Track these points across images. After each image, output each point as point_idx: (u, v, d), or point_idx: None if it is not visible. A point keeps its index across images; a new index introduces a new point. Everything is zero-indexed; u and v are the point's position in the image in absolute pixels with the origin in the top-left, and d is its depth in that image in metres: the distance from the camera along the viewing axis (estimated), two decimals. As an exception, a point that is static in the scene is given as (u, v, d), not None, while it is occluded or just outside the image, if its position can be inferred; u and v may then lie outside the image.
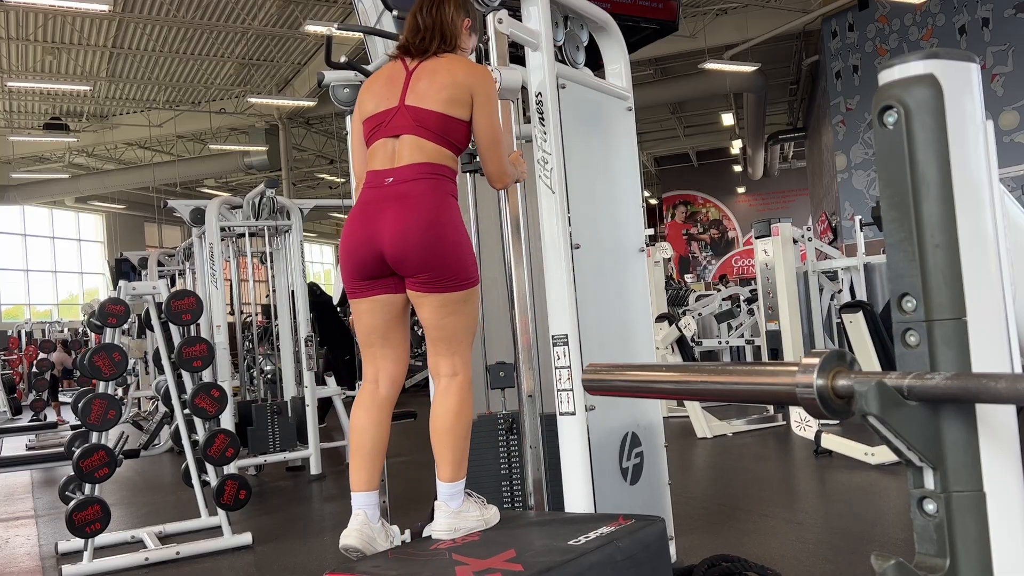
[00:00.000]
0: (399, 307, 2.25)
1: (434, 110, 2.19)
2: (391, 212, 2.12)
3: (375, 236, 2.13)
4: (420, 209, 2.11)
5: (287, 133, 18.52)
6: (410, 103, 2.21)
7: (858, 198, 14.04)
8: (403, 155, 2.18)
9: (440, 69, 2.23)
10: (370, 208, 2.16)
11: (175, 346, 4.26)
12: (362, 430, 2.21)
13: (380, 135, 2.23)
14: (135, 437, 8.02)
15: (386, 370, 2.28)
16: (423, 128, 2.18)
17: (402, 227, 2.10)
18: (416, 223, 2.10)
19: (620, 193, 2.86)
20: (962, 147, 0.92)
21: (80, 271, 24.94)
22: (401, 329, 2.29)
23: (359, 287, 2.22)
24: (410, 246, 2.10)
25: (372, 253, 2.14)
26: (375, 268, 2.17)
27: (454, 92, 2.20)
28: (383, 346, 2.27)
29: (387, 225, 2.11)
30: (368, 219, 2.15)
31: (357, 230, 2.17)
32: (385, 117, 2.23)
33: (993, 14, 12.45)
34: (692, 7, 14.48)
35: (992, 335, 0.92)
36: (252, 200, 6.07)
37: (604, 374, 1.32)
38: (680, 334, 7.06)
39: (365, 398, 2.26)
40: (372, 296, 2.21)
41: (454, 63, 2.26)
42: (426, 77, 2.23)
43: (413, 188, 2.13)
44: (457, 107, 2.20)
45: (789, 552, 3.33)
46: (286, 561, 3.79)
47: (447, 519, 2.12)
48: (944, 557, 0.89)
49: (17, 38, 13.68)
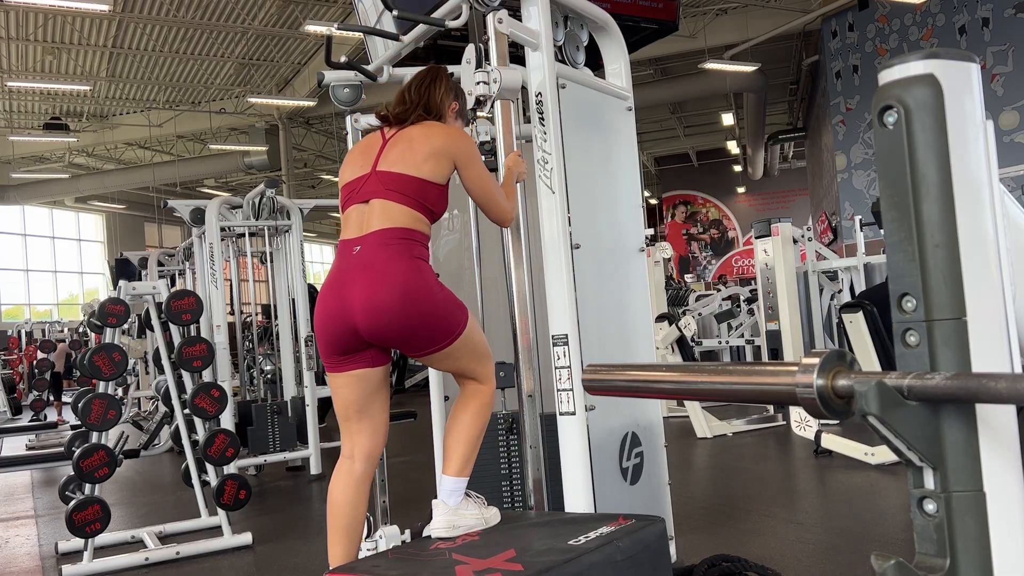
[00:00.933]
0: (377, 380, 2.19)
1: (407, 174, 2.15)
2: (359, 284, 2.06)
3: (346, 309, 2.07)
4: (388, 279, 2.04)
5: (287, 133, 18.52)
6: (382, 168, 2.18)
7: (858, 198, 14.04)
8: (371, 222, 2.13)
9: (417, 136, 2.21)
10: (340, 280, 2.10)
11: (175, 346, 4.27)
12: (338, 508, 2.17)
13: (352, 202, 2.20)
14: (135, 437, 8.02)
15: (362, 446, 2.21)
16: (393, 192, 2.14)
17: (371, 299, 2.04)
18: (385, 295, 2.03)
19: (620, 193, 2.86)
20: (962, 147, 0.92)
21: (80, 271, 24.95)
22: (379, 402, 2.23)
23: (335, 362, 2.15)
24: (383, 319, 2.04)
25: (345, 327, 2.08)
26: (351, 342, 2.10)
27: (431, 158, 2.16)
28: (359, 420, 2.20)
29: (356, 298, 2.05)
30: (338, 291, 2.09)
31: (328, 303, 2.11)
32: (357, 184, 2.21)
33: (993, 14, 12.45)
34: (692, 7, 14.48)
35: (992, 335, 0.91)
36: (252, 200, 6.07)
37: (604, 374, 1.32)
38: (680, 334, 7.06)
39: (341, 476, 2.21)
40: (349, 371, 2.15)
41: (431, 129, 2.23)
42: (402, 143, 2.21)
43: (379, 256, 2.07)
44: (433, 171, 2.16)
45: (789, 552, 3.33)
46: (286, 561, 3.79)
47: (445, 516, 2.13)
48: (944, 557, 0.89)
49: (17, 38, 13.68)
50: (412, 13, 2.70)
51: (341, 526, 2.15)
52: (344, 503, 2.17)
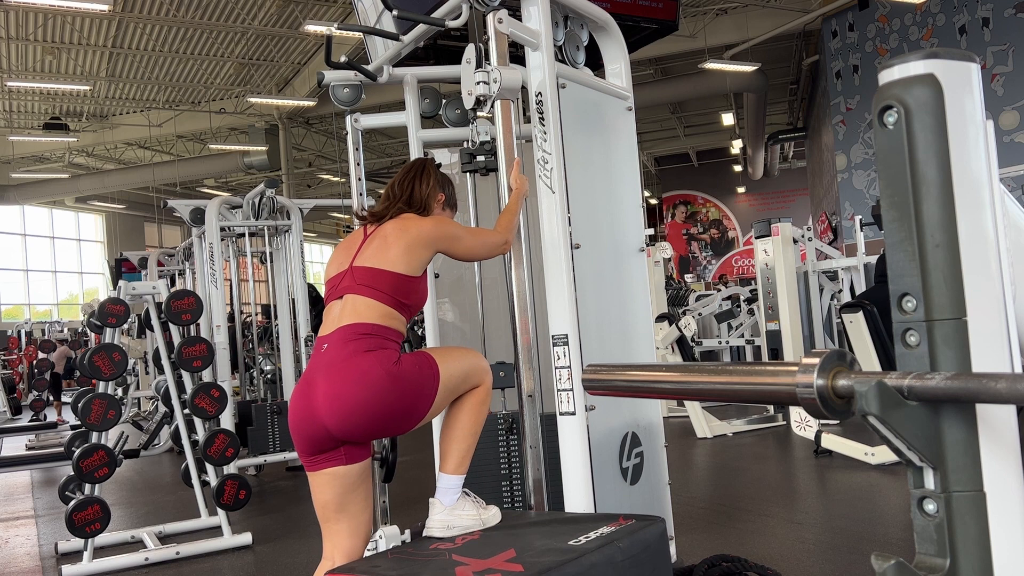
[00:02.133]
0: (354, 477, 2.11)
1: (381, 268, 2.13)
2: (323, 384, 2.03)
3: (314, 410, 2.03)
4: (347, 377, 2.01)
5: (287, 133, 18.51)
6: (357, 264, 2.17)
7: (858, 198, 14.04)
8: (341, 318, 2.11)
9: (391, 231, 2.19)
10: (310, 379, 2.07)
11: (175, 346, 4.26)
12: None
13: (331, 298, 2.19)
14: (135, 437, 8.02)
15: (341, 547, 2.14)
16: (365, 286, 2.12)
17: (334, 399, 2.00)
18: (346, 393, 1.99)
19: (620, 193, 2.86)
20: (962, 147, 0.92)
21: (80, 271, 24.95)
22: (359, 500, 2.13)
23: (311, 461, 2.09)
24: (350, 418, 2.00)
25: (315, 427, 2.03)
26: (324, 441, 2.05)
27: (406, 251, 2.15)
28: (338, 521, 2.13)
29: (320, 397, 2.02)
30: (308, 391, 2.06)
31: (299, 402, 2.08)
32: (337, 280, 2.20)
33: (993, 14, 12.45)
34: (692, 7, 14.47)
35: (992, 335, 0.91)
36: (252, 200, 6.07)
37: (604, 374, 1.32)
38: (680, 334, 7.06)
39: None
40: (325, 469, 2.09)
41: (405, 222, 2.22)
42: (379, 239, 2.19)
43: (340, 353, 2.04)
44: (408, 265, 2.14)
45: (789, 552, 3.33)
46: (286, 561, 3.79)
47: (441, 515, 2.12)
48: (944, 557, 0.89)
49: (17, 38, 13.68)
50: (412, 13, 2.70)
51: None
52: None
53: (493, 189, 3.05)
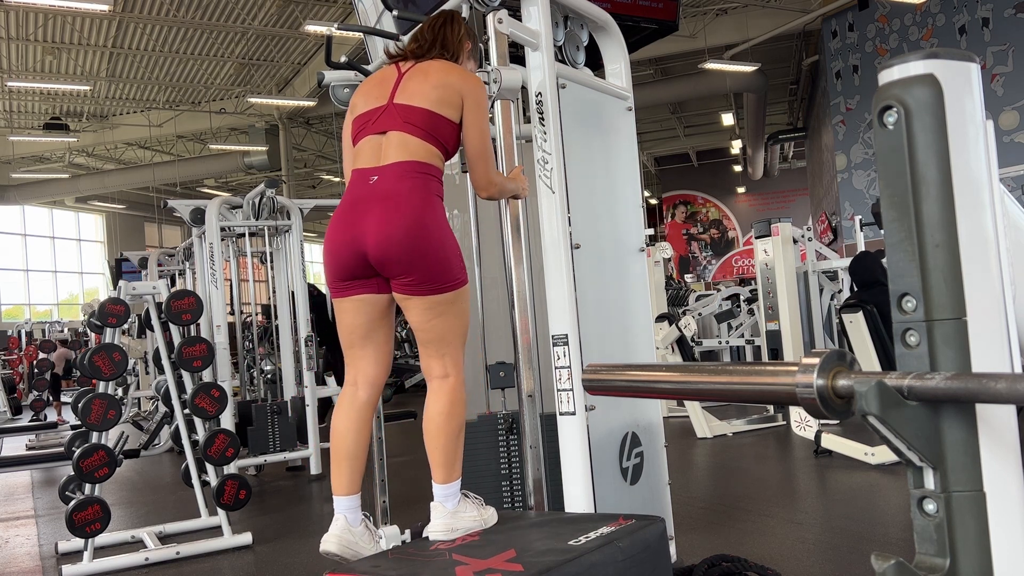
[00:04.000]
0: (382, 307, 2.20)
1: (423, 107, 2.16)
2: (375, 212, 2.07)
3: (359, 236, 2.09)
4: (405, 209, 2.06)
5: (287, 133, 18.52)
6: (399, 101, 2.19)
7: (858, 198, 14.04)
8: (389, 153, 2.14)
9: (433, 70, 2.22)
10: (355, 208, 2.12)
11: (175, 346, 4.27)
12: (342, 434, 2.17)
13: (367, 132, 2.20)
14: (135, 437, 8.02)
15: (365, 372, 2.23)
16: (410, 124, 2.15)
17: (386, 228, 2.06)
18: (400, 224, 2.05)
19: (620, 193, 2.86)
20: (962, 147, 0.92)
21: (80, 271, 24.95)
22: (383, 330, 2.24)
23: (342, 287, 2.17)
24: (393, 248, 2.06)
25: (355, 254, 2.10)
26: (358, 269, 2.12)
27: (444, 92, 2.18)
28: (363, 347, 2.22)
29: (371, 226, 2.07)
30: (353, 219, 2.11)
31: (341, 230, 2.12)
32: (373, 115, 2.21)
33: (993, 14, 12.45)
34: (692, 7, 14.47)
35: (992, 335, 0.91)
36: (252, 200, 6.07)
37: (604, 374, 1.32)
38: (680, 334, 7.06)
39: (345, 402, 2.22)
40: (355, 296, 2.17)
41: (448, 66, 2.25)
42: (418, 76, 2.22)
43: (398, 187, 2.09)
44: (447, 107, 2.18)
45: (789, 552, 3.33)
46: (286, 561, 3.79)
47: (443, 520, 2.11)
48: (944, 557, 0.89)
49: (17, 38, 13.68)
50: (412, 13, 2.70)
51: (345, 453, 2.16)
52: (349, 429, 2.18)
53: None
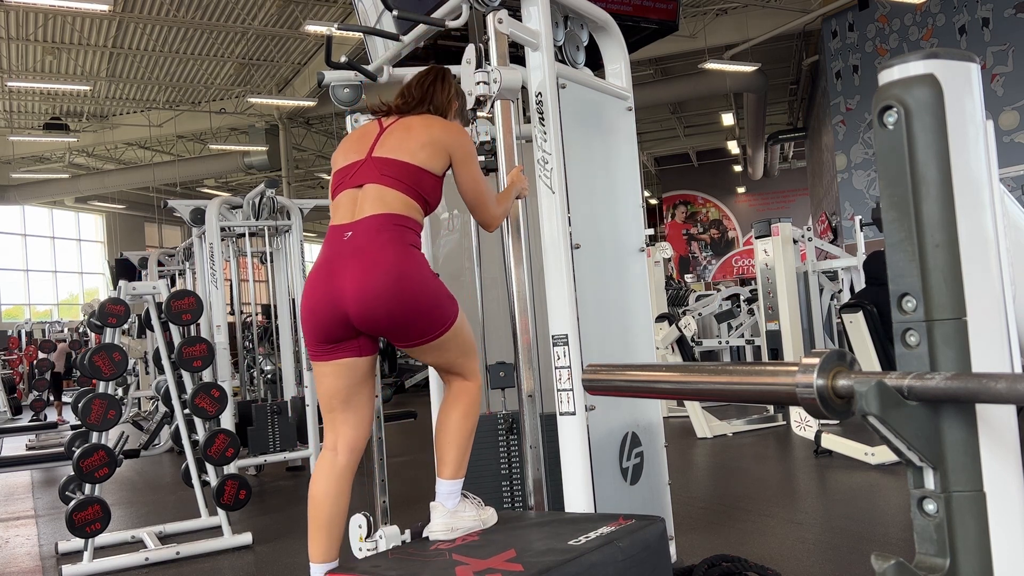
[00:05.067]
0: (364, 370, 2.14)
1: (403, 160, 2.12)
2: (351, 270, 2.01)
3: (337, 296, 2.02)
4: (382, 266, 2.00)
5: (287, 133, 18.52)
6: (378, 154, 2.15)
7: (858, 198, 14.04)
8: (364, 207, 2.08)
9: (415, 125, 2.19)
10: (330, 266, 2.05)
11: (175, 346, 4.27)
12: (319, 502, 2.11)
13: (344, 187, 2.16)
14: (135, 437, 8.02)
15: (345, 437, 2.16)
16: (388, 177, 2.10)
17: (364, 286, 1.99)
18: (379, 281, 1.99)
19: (620, 193, 2.86)
20: (962, 147, 0.92)
21: (80, 271, 24.95)
22: (364, 392, 2.17)
23: (322, 350, 2.10)
24: (377, 306, 1.99)
25: (335, 314, 2.03)
26: (340, 330, 2.05)
27: (428, 147, 2.14)
28: (344, 411, 2.15)
29: (349, 284, 2.00)
30: (329, 278, 2.04)
31: (318, 289, 2.05)
32: (351, 169, 2.17)
33: (993, 14, 12.44)
34: (692, 7, 14.47)
35: (992, 335, 0.91)
36: (252, 200, 6.07)
37: (604, 374, 1.32)
38: (680, 334, 7.06)
39: (324, 467, 2.15)
40: (336, 360, 2.10)
41: (430, 121, 2.22)
42: (400, 131, 2.18)
43: (372, 242, 2.02)
44: (430, 160, 2.14)
45: (789, 552, 3.33)
46: (286, 561, 3.79)
47: (443, 519, 2.12)
48: (944, 557, 0.89)
49: (17, 38, 13.68)
50: (412, 13, 2.70)
51: (323, 521, 2.09)
52: (325, 495, 2.11)
53: (493, 189, 3.05)
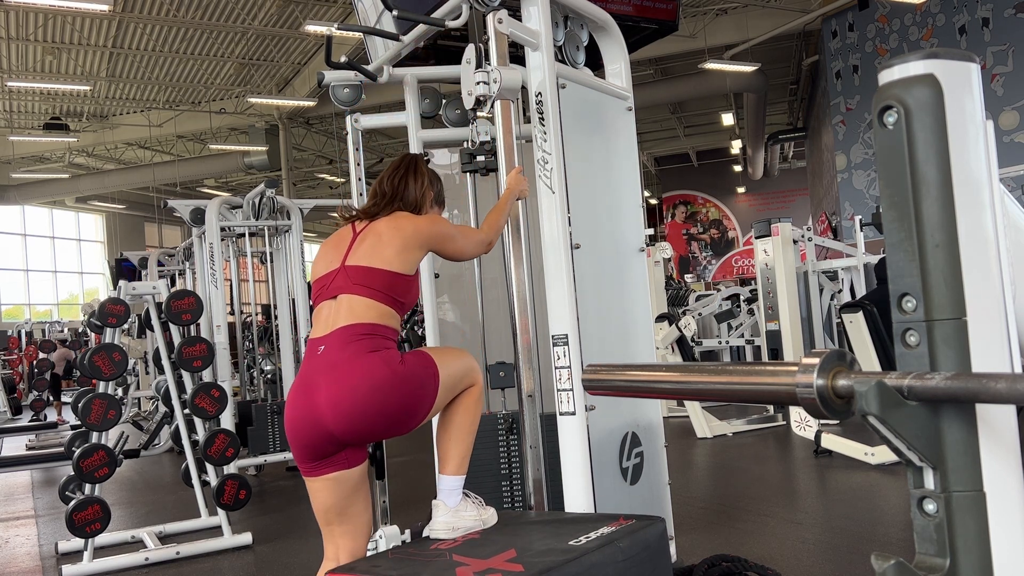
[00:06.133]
0: (354, 482, 2.10)
1: (376, 267, 2.11)
2: (324, 386, 2.00)
3: (316, 414, 2.00)
4: (352, 379, 1.98)
5: (287, 133, 18.51)
6: (351, 263, 2.14)
7: (858, 198, 14.04)
8: (337, 319, 2.08)
9: (384, 229, 2.17)
10: (306, 384, 2.04)
11: (175, 346, 4.26)
12: None
13: (322, 298, 2.16)
14: (135, 437, 8.02)
15: (345, 548, 2.12)
16: (360, 286, 2.09)
17: (338, 402, 1.97)
18: (351, 396, 1.97)
19: (620, 193, 2.86)
20: (962, 147, 0.92)
21: (80, 271, 24.94)
22: (360, 502, 2.13)
23: (310, 467, 2.07)
24: (356, 420, 1.98)
25: (318, 431, 2.01)
26: (325, 446, 2.03)
27: (403, 252, 2.13)
28: (341, 523, 2.12)
29: (324, 402, 1.99)
30: (307, 394, 2.03)
31: (297, 407, 2.04)
32: (327, 280, 2.16)
33: (993, 14, 12.44)
34: (692, 7, 14.47)
35: (992, 335, 0.91)
36: (252, 200, 6.07)
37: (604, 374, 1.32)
38: (680, 334, 7.06)
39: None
40: (325, 475, 2.06)
41: (398, 220, 2.19)
42: (371, 237, 2.17)
43: (341, 355, 2.01)
44: (403, 264, 2.13)
45: (789, 552, 3.33)
46: (286, 561, 3.79)
47: (445, 517, 2.12)
48: (944, 557, 0.89)
49: (17, 38, 13.67)
50: (412, 13, 2.70)
51: None
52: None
53: (493, 189, 3.05)
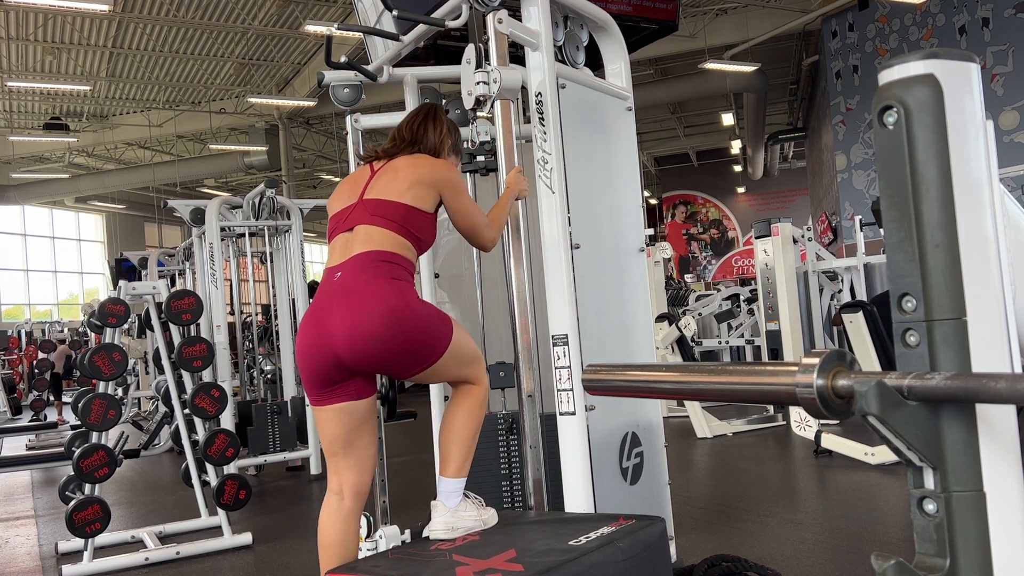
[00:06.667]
0: (363, 412, 2.14)
1: (393, 200, 2.15)
2: (339, 310, 2.02)
3: (327, 338, 2.02)
4: (368, 303, 2.00)
5: (287, 133, 18.51)
6: (368, 197, 2.18)
7: (858, 198, 14.04)
8: (353, 247, 2.12)
9: (403, 166, 2.22)
10: (320, 309, 2.06)
11: (175, 346, 4.26)
12: (330, 547, 2.13)
13: (338, 231, 2.19)
14: (135, 437, 8.02)
15: (350, 482, 2.16)
16: (377, 217, 2.13)
17: (353, 325, 1.99)
18: (367, 320, 1.99)
19: (620, 193, 2.86)
20: (962, 147, 0.92)
21: (80, 271, 24.94)
22: (366, 435, 2.17)
23: (319, 395, 2.10)
24: (367, 345, 1.99)
25: (328, 357, 2.03)
26: (335, 373, 2.05)
27: (416, 186, 2.17)
28: (347, 456, 2.15)
29: (338, 325, 2.01)
30: (319, 320, 2.05)
31: (310, 333, 2.06)
32: (344, 214, 2.20)
33: (993, 14, 12.45)
34: (692, 7, 14.47)
35: (992, 335, 0.91)
36: (252, 200, 6.08)
37: (604, 374, 1.32)
38: (680, 334, 7.06)
39: (330, 511, 2.16)
40: (334, 404, 2.10)
41: (417, 159, 2.25)
42: (388, 173, 2.21)
43: (359, 278, 2.04)
44: (420, 199, 2.16)
45: (789, 552, 3.33)
46: (286, 561, 3.79)
47: (444, 518, 2.12)
48: (944, 557, 0.89)
49: (17, 38, 13.67)
50: (412, 13, 2.70)
51: (333, 563, 2.11)
52: (336, 541, 2.12)
53: (493, 189, 3.06)
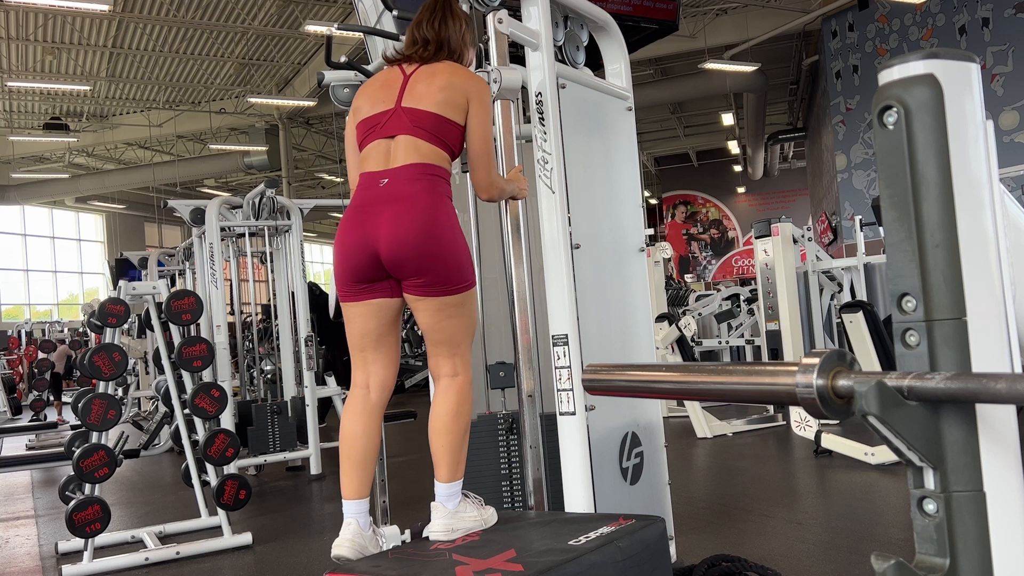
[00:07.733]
0: (393, 312, 2.22)
1: (430, 111, 2.19)
2: (387, 214, 2.10)
3: (371, 239, 2.11)
4: (416, 211, 2.09)
5: (287, 133, 18.52)
6: (407, 104, 2.21)
7: (858, 198, 14.04)
8: (398, 156, 2.17)
9: (439, 72, 2.24)
10: (365, 210, 2.14)
11: (175, 346, 4.26)
12: (352, 438, 2.17)
13: (375, 136, 2.23)
14: (135, 437, 8.02)
15: (377, 375, 2.24)
16: (419, 128, 2.18)
17: (399, 229, 2.08)
18: (413, 225, 2.08)
19: (620, 193, 2.86)
20: (962, 147, 0.91)
21: (80, 271, 24.94)
22: (394, 334, 2.26)
23: (353, 291, 2.19)
24: (407, 249, 2.08)
25: (368, 256, 2.12)
26: (371, 271, 2.14)
27: (451, 95, 2.20)
28: (375, 351, 2.23)
29: (384, 228, 2.09)
30: (364, 221, 2.13)
31: (352, 232, 2.14)
32: (381, 119, 2.23)
33: (993, 14, 12.45)
34: (692, 7, 14.48)
35: (992, 335, 0.91)
36: (252, 200, 6.08)
37: (604, 374, 1.32)
38: (680, 334, 7.06)
39: (356, 404, 2.22)
40: (367, 300, 2.18)
41: (453, 68, 2.27)
42: (424, 80, 2.24)
43: (409, 189, 2.12)
44: (453, 110, 2.20)
45: (789, 552, 3.33)
46: (286, 561, 3.79)
47: (444, 520, 2.11)
48: (944, 557, 0.89)
49: (17, 38, 13.68)
50: (412, 13, 2.70)
51: (357, 458, 2.15)
52: (360, 433, 2.18)
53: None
